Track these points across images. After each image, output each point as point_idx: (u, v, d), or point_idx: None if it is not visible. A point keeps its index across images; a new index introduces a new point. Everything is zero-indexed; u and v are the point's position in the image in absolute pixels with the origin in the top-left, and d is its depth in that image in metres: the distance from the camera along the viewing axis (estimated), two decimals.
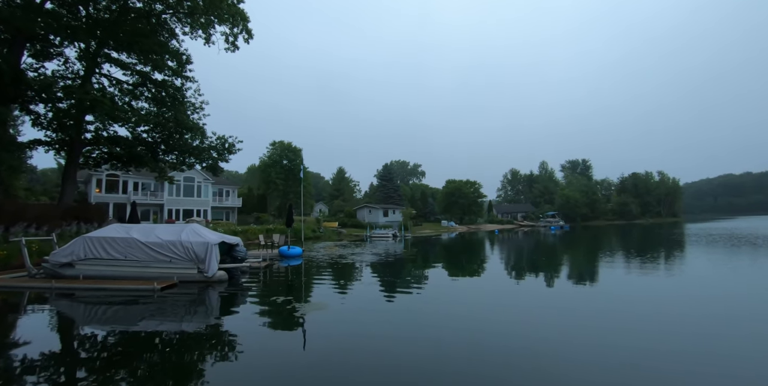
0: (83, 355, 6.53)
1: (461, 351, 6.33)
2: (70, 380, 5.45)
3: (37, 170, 64.24)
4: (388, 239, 42.26)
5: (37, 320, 9.05)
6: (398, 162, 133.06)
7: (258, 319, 8.79)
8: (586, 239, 40.23)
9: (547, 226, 75.30)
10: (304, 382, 5.20)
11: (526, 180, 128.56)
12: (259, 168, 69.15)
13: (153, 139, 25.69)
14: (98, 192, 38.10)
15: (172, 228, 13.58)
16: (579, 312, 9.13)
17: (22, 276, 13.08)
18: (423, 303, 10.23)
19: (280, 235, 25.31)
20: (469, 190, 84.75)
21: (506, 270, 17.50)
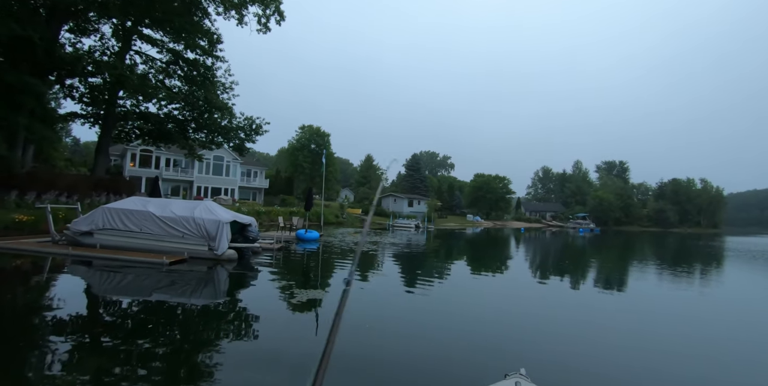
0: (98, 320, 6.78)
1: (467, 355, 5.88)
2: (84, 342, 5.64)
3: (80, 142, 67.33)
4: (410, 229, 41.88)
5: (58, 284, 9.41)
6: (427, 152, 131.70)
7: (266, 301, 8.68)
8: (617, 244, 38.33)
9: (576, 228, 72.25)
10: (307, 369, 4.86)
11: (558, 178, 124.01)
12: (287, 151, 69.91)
13: (183, 117, 26.12)
14: (132, 166, 39.44)
15: (186, 204, 13.68)
16: (598, 323, 8.59)
17: (46, 241, 13.51)
18: (440, 299, 9.76)
19: (299, 218, 25.37)
20: (498, 185, 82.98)
21: (530, 270, 16.89)
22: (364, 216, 51.41)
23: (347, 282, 1.78)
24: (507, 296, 10.81)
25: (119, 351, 5.32)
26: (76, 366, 4.80)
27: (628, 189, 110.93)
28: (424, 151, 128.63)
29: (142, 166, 40.01)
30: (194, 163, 40.18)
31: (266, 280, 10.91)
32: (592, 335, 7.46)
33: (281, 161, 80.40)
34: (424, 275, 13.40)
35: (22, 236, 14.17)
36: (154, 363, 5.06)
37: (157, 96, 22.98)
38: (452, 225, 57.37)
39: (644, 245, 38.80)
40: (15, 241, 13.04)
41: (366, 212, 55.54)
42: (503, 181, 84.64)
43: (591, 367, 5.69)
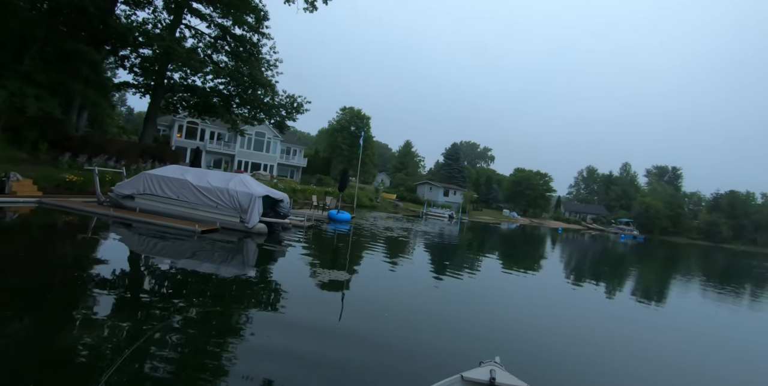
0: (135, 279, 7.18)
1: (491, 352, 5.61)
2: (124, 297, 6.06)
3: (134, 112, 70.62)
4: (443, 219, 41.28)
5: (100, 242, 9.93)
6: (468, 143, 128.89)
7: (290, 277, 8.67)
8: (661, 255, 35.97)
9: (618, 234, 68.17)
10: (330, 351, 4.94)
11: (603, 180, 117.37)
12: (327, 131, 70.36)
13: (228, 92, 26.55)
14: (179, 137, 40.89)
15: (222, 175, 13.86)
16: (628, 334, 8.11)
17: (92, 202, 14.11)
18: (470, 295, 9.46)
19: (333, 198, 25.42)
20: (538, 181, 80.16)
21: (563, 273, 16.09)
22: (398, 201, 51.16)
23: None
24: (533, 297, 10.37)
25: (155, 309, 5.67)
26: (115, 318, 5.16)
27: (679, 197, 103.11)
28: (465, 141, 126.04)
29: (188, 138, 41.40)
30: (236, 137, 41.10)
31: (293, 257, 10.90)
32: (617, 346, 7.09)
33: (321, 141, 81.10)
34: (452, 267, 13.02)
35: (71, 195, 14.89)
36: (186, 323, 5.33)
37: (203, 70, 23.44)
38: (487, 218, 56.10)
39: (691, 258, 36.32)
40: (64, 199, 13.70)
41: (402, 198, 55.23)
42: (544, 178, 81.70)
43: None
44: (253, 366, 4.36)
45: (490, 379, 3.37)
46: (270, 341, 5.06)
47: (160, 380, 3.91)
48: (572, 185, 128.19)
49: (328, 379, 4.26)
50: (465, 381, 3.42)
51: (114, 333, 4.76)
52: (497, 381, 3.36)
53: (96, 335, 4.65)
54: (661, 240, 74.85)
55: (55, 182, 15.29)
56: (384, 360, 4.92)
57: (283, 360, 4.55)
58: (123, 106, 69.11)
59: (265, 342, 5.02)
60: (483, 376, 3.43)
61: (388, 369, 4.70)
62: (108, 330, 4.81)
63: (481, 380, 3.40)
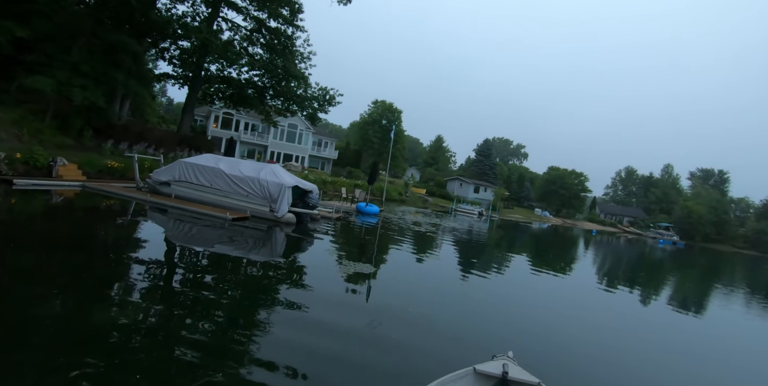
0: (169, 263, 7.40)
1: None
2: (157, 278, 6.34)
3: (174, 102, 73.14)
4: (473, 216, 40.65)
5: (138, 226, 10.32)
6: (500, 139, 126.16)
7: (317, 267, 8.73)
8: (702, 263, 33.97)
9: (656, 239, 64.27)
10: (357, 347, 4.93)
11: (643, 182, 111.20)
12: (358, 124, 70.50)
13: (263, 84, 26.92)
14: (215, 127, 42.00)
15: (254, 165, 14.05)
16: (662, 342, 7.76)
17: (131, 187, 14.63)
18: (495, 293, 9.30)
19: (362, 191, 25.43)
20: (573, 181, 77.42)
21: (596, 276, 15.50)
22: (427, 196, 50.75)
23: None
24: (561, 298, 10.11)
25: (187, 293, 5.88)
26: (147, 300, 5.35)
27: (725, 203, 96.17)
28: (497, 137, 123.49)
29: (224, 128, 42.47)
30: (270, 128, 41.82)
31: (320, 247, 10.94)
32: (644, 353, 6.76)
33: (352, 134, 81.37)
34: (480, 265, 12.77)
35: (112, 180, 15.52)
36: (216, 308, 5.55)
37: (239, 62, 23.88)
38: (518, 217, 54.81)
39: (735, 268, 34.17)
40: (105, 184, 14.27)
41: (431, 193, 54.79)
42: (579, 177, 78.84)
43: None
44: (279, 351, 4.47)
45: (503, 373, 3.40)
46: (295, 328, 5.15)
47: (188, 362, 4.02)
48: (609, 186, 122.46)
49: (348, 367, 4.34)
50: (477, 373, 3.46)
51: (145, 315, 4.92)
52: (510, 376, 3.38)
53: (128, 315, 4.80)
54: (703, 247, 70.57)
55: (98, 168, 15.95)
56: (401, 351, 4.96)
57: (307, 348, 4.65)
58: (163, 97, 71.69)
59: (290, 329, 5.11)
60: (495, 370, 3.47)
61: (404, 360, 4.74)
62: (140, 311, 4.98)
63: (494, 373, 3.44)
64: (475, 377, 3.48)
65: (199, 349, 4.28)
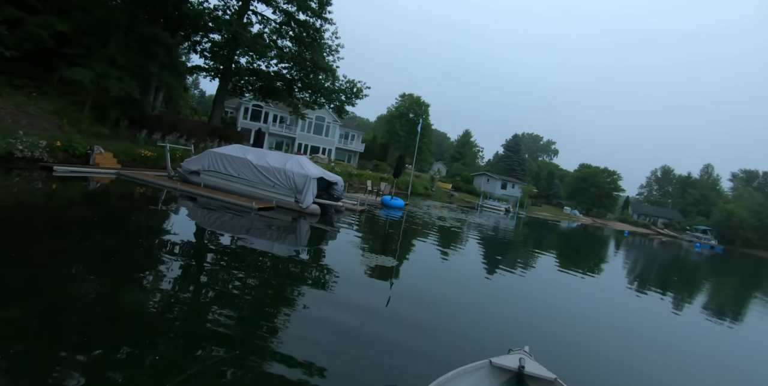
0: (200, 249, 7.69)
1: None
2: (189, 265, 6.60)
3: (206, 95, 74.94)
4: (499, 212, 39.92)
5: (169, 213, 10.77)
6: (530, 135, 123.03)
7: (340, 258, 8.73)
8: (742, 269, 31.99)
9: (693, 242, 60.41)
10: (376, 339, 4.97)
11: (680, 182, 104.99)
12: (385, 118, 70.28)
13: (291, 77, 27.14)
14: (245, 119, 42.73)
15: (280, 156, 14.16)
16: (692, 351, 7.50)
17: (162, 176, 15.04)
18: (518, 291, 9.13)
19: (387, 184, 25.35)
20: (605, 179, 74.43)
21: (627, 278, 14.92)
22: (453, 191, 50.21)
23: None
24: (588, 299, 9.88)
25: (217, 278, 6.13)
26: (175, 283, 5.58)
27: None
28: (527, 133, 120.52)
29: (253, 120, 43.16)
30: (298, 121, 42.18)
31: (343, 239, 10.94)
32: (672, 360, 6.52)
33: (379, 127, 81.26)
34: (504, 262, 12.51)
35: (145, 168, 16.02)
36: (244, 292, 5.81)
37: (268, 54, 24.11)
38: (546, 214, 53.48)
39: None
40: (139, 172, 14.73)
41: (457, 188, 54.16)
42: (612, 176, 75.71)
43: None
44: (303, 333, 4.65)
45: (519, 367, 3.38)
46: (318, 314, 5.33)
47: (221, 335, 4.29)
48: (643, 185, 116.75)
49: (367, 352, 4.52)
50: (493, 366, 3.46)
51: (171, 297, 5.08)
52: (526, 370, 3.35)
53: (154, 297, 4.96)
54: (743, 253, 66.78)
55: (132, 156, 16.48)
56: (419, 342, 5.06)
57: (328, 331, 4.85)
58: (196, 89, 73.57)
59: (313, 314, 5.30)
60: (512, 364, 3.45)
61: (421, 350, 4.83)
62: (166, 294, 5.14)
63: (510, 367, 3.42)
64: (491, 370, 3.47)
65: (228, 327, 4.48)
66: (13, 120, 14.52)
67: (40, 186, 10.80)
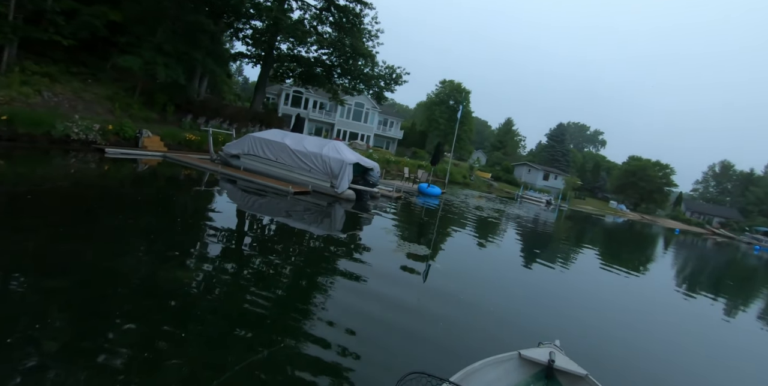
0: (239, 231, 7.91)
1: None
2: (229, 246, 6.80)
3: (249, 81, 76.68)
4: (540, 204, 38.55)
5: (211, 195, 11.16)
6: (576, 124, 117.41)
7: (373, 245, 8.62)
8: None
9: (752, 244, 55.36)
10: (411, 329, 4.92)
11: (741, 179, 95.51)
12: (424, 104, 69.24)
13: (331, 62, 27.12)
14: (285, 105, 43.41)
15: (317, 141, 14.22)
16: (742, 357, 6.98)
17: (205, 159, 15.53)
18: (556, 285, 8.80)
19: (424, 172, 25.04)
20: (657, 173, 69.68)
21: (675, 279, 13.97)
22: (492, 181, 49.06)
23: None
24: (630, 297, 9.38)
25: (252, 260, 6.30)
26: (218, 264, 5.77)
27: None
28: (573, 122, 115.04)
29: (293, 106, 43.79)
30: (337, 107, 42.39)
31: (378, 225, 10.88)
32: (715, 370, 6.11)
33: (418, 114, 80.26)
34: (543, 256, 12.05)
35: (189, 152, 16.60)
36: (278, 274, 5.94)
37: (307, 40, 24.11)
38: (590, 208, 51.16)
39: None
40: (184, 155, 15.27)
41: (497, 178, 52.88)
42: (664, 170, 70.80)
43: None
44: (336, 317, 4.69)
45: (549, 361, 3.29)
46: (350, 299, 5.42)
47: (257, 315, 4.43)
48: (699, 181, 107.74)
49: (396, 339, 4.54)
50: (522, 358, 3.39)
51: (206, 277, 5.20)
52: (556, 364, 3.26)
53: (190, 275, 5.10)
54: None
55: (178, 140, 17.11)
56: (448, 331, 5.01)
57: (360, 317, 4.91)
58: (240, 76, 75.44)
59: (346, 299, 5.38)
60: (541, 357, 3.38)
61: (450, 339, 4.79)
62: (202, 273, 5.29)
63: (539, 360, 3.35)
64: (520, 362, 3.40)
65: (263, 307, 4.60)
66: (70, 105, 15.39)
67: (93, 167, 11.43)
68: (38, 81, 14.95)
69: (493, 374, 3.23)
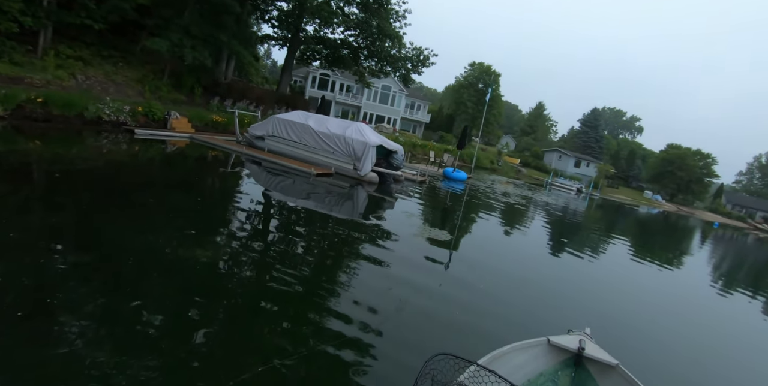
0: (265, 212, 8.10)
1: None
2: (256, 226, 6.96)
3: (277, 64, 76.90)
4: (570, 192, 37.29)
5: (237, 176, 11.31)
6: (611, 109, 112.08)
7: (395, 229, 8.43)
8: None
9: None
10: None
11: None
12: (453, 87, 67.64)
13: (357, 44, 26.66)
14: (312, 87, 43.33)
15: (341, 123, 14.06)
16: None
17: (231, 140, 15.65)
18: (584, 275, 8.49)
19: (450, 156, 24.55)
20: (696, 163, 65.62)
21: (711, 275, 13.17)
22: (521, 167, 47.85)
23: None
24: (661, 291, 8.91)
25: (280, 240, 6.41)
26: (233, 242, 5.84)
27: None
28: (608, 108, 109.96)
29: (320, 88, 43.63)
30: (364, 89, 41.95)
31: (400, 209, 10.70)
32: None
33: (446, 98, 78.60)
34: (572, 245, 11.59)
35: (216, 133, 16.77)
36: (297, 254, 5.93)
37: (333, 20, 23.66)
38: (622, 198, 49.18)
39: None
40: (210, 137, 15.44)
41: (526, 164, 51.53)
42: (705, 159, 66.57)
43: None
44: (359, 297, 4.75)
45: (579, 349, 3.22)
46: (371, 280, 5.44)
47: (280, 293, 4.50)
48: (743, 173, 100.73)
49: (420, 321, 4.53)
50: (551, 345, 3.33)
51: (226, 254, 5.25)
52: (586, 352, 3.19)
53: (208, 253, 5.08)
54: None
55: (205, 121, 17.31)
56: (471, 316, 4.94)
57: (383, 298, 4.90)
58: (268, 59, 75.66)
59: (367, 280, 5.42)
60: (571, 344, 3.31)
61: (473, 324, 4.75)
62: (222, 251, 5.34)
63: (569, 347, 3.28)
64: (548, 348, 3.33)
65: (288, 284, 4.68)
66: (102, 87, 15.75)
67: (123, 147, 11.69)
68: (72, 64, 15.34)
69: (521, 358, 3.19)
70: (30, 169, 7.88)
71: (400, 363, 3.60)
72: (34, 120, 11.88)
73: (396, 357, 3.71)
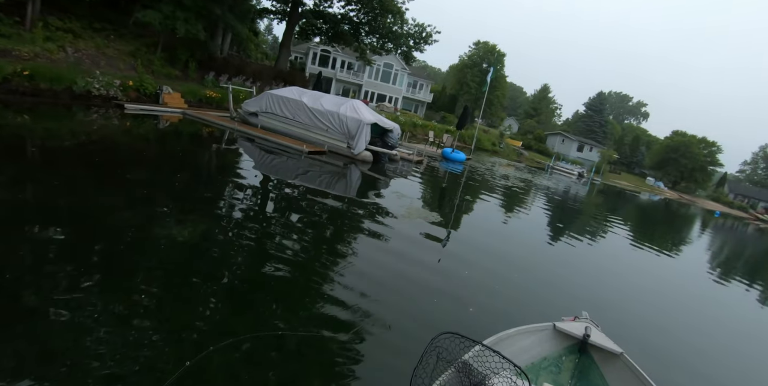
0: (260, 190, 8.10)
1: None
2: (252, 207, 6.90)
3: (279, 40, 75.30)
4: (572, 176, 36.91)
5: (230, 153, 11.24)
6: (617, 94, 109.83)
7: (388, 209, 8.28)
8: None
9: None
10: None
11: None
12: (456, 67, 66.18)
13: (358, 19, 25.82)
14: (313, 64, 42.41)
15: (335, 99, 13.69)
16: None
17: (225, 117, 15.32)
18: (579, 259, 8.44)
19: (449, 136, 24.14)
20: (700, 150, 64.54)
21: (709, 263, 13.07)
22: (523, 149, 47.29)
23: None
24: (663, 278, 8.87)
25: (275, 218, 6.47)
26: (245, 222, 5.87)
27: None
28: (614, 92, 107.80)
29: (321, 65, 42.69)
30: (365, 67, 41.02)
31: (392, 189, 10.49)
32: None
33: (450, 77, 77.06)
34: (569, 230, 11.42)
35: (209, 109, 16.41)
36: (285, 235, 5.86)
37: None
38: (624, 184, 48.70)
39: None
40: (203, 113, 15.10)
41: (528, 147, 50.90)
42: (710, 147, 65.30)
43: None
44: (351, 282, 4.67)
45: (584, 336, 3.29)
46: (363, 263, 5.35)
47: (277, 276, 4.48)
48: (747, 162, 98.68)
49: (416, 302, 4.56)
50: (557, 330, 3.40)
51: (218, 231, 5.25)
52: (591, 340, 3.25)
53: (201, 228, 5.13)
54: None
55: (199, 97, 16.92)
56: (480, 299, 4.98)
57: (376, 281, 4.88)
58: (269, 35, 73.95)
59: (359, 263, 5.33)
60: (576, 331, 3.37)
61: (483, 306, 4.78)
62: (215, 226, 5.36)
63: (574, 334, 3.34)
64: (554, 333, 3.40)
65: (286, 262, 4.73)
66: (93, 61, 15.29)
67: (111, 122, 11.42)
68: (61, 37, 14.82)
69: (527, 342, 3.26)
70: (13, 143, 7.66)
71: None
72: (22, 94, 11.55)
73: (397, 322, 3.88)
